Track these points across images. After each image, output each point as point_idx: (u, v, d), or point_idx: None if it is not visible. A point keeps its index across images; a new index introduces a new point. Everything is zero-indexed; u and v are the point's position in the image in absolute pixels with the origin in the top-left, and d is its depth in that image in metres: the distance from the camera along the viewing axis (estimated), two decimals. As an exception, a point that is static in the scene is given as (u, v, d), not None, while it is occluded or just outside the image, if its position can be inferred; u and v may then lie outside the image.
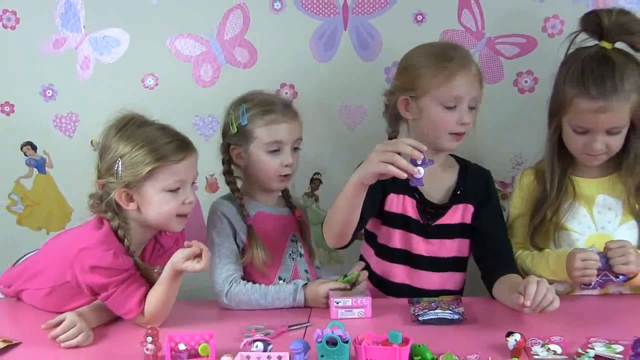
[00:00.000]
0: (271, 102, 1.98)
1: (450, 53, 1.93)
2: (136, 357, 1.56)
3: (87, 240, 1.75)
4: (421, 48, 2.01)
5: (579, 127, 1.83)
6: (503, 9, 2.26)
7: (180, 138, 1.82)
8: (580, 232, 1.91)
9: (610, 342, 1.56)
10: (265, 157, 1.96)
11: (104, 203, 1.78)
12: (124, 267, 1.74)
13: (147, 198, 1.77)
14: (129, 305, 1.74)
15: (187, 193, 1.81)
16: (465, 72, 1.90)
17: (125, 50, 2.35)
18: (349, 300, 1.81)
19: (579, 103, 1.81)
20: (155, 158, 1.74)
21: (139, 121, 1.81)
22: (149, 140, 1.76)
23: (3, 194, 2.45)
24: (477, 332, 1.68)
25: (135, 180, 1.75)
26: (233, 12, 2.32)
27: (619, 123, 1.81)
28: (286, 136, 1.96)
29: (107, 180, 1.77)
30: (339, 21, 2.30)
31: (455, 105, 1.90)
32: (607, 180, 1.93)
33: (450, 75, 1.88)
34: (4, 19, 2.35)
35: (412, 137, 1.93)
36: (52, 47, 2.36)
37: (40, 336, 1.71)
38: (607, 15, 1.84)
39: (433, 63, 1.91)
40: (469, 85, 1.91)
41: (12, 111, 2.40)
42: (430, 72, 1.90)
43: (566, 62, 1.90)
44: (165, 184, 1.77)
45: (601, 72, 1.79)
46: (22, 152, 2.42)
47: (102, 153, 1.80)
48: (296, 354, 1.48)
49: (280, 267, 2.01)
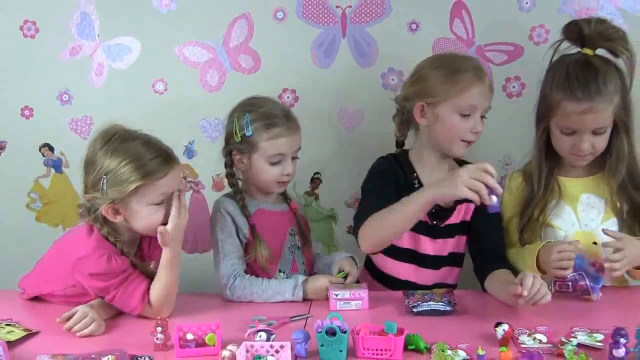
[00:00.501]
0: (274, 115, 1.94)
1: (467, 64, 1.93)
2: (147, 346, 1.56)
3: (83, 248, 1.73)
4: (437, 58, 2.02)
5: (567, 128, 1.83)
6: (492, 19, 2.25)
7: (164, 152, 1.75)
8: (565, 229, 1.90)
9: (592, 332, 1.56)
10: (267, 167, 1.94)
11: (92, 214, 1.75)
12: (120, 269, 1.73)
13: (133, 212, 1.74)
14: (133, 302, 1.73)
15: (171, 204, 1.75)
16: (481, 83, 1.90)
17: (136, 57, 2.34)
18: (347, 292, 1.80)
19: (566, 105, 1.81)
20: (141, 176, 1.69)
21: (124, 135, 1.74)
22: (134, 157, 1.70)
23: (23, 193, 2.45)
24: (467, 323, 1.68)
25: (121, 197, 1.71)
26: (238, 21, 2.31)
27: (603, 123, 1.81)
28: (288, 149, 1.95)
29: (92, 196, 1.73)
30: (338, 30, 2.29)
31: (470, 114, 1.89)
32: (591, 180, 1.93)
33: (469, 85, 1.88)
34: (24, 28, 2.34)
35: (423, 142, 1.98)
36: (68, 55, 2.36)
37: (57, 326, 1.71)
38: (587, 25, 1.85)
39: (452, 72, 1.90)
40: (484, 95, 1.91)
41: (31, 115, 2.40)
42: (449, 80, 1.89)
43: (552, 68, 1.90)
44: (150, 199, 1.72)
45: (585, 76, 1.80)
46: (40, 153, 2.42)
47: (88, 167, 1.75)
48: (297, 343, 1.48)
49: (280, 261, 2.00)
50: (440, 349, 1.45)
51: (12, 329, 1.68)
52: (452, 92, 1.88)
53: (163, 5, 2.31)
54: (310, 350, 1.50)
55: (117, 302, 1.74)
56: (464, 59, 1.99)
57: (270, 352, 1.45)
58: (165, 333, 1.56)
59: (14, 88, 2.38)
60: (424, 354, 1.49)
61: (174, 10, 2.31)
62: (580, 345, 1.49)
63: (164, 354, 1.54)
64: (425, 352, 1.49)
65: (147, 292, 1.74)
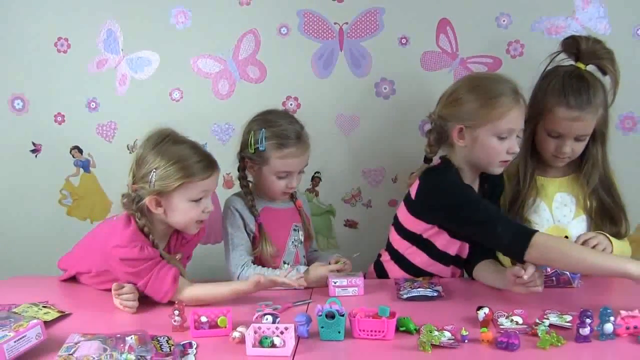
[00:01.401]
0: (287, 137, 1.89)
1: (506, 88, 1.77)
2: (165, 327, 1.56)
3: (119, 237, 1.72)
4: (474, 79, 1.87)
5: (554, 132, 1.83)
6: (473, 34, 2.24)
7: (208, 158, 1.76)
8: (540, 224, 1.90)
9: (562, 314, 1.57)
10: (274, 179, 1.93)
11: (135, 204, 1.74)
12: (150, 257, 1.72)
13: (173, 205, 1.73)
14: (165, 287, 1.71)
15: (207, 203, 1.77)
16: (519, 107, 1.77)
17: (155, 69, 2.34)
18: (344, 280, 1.79)
19: (558, 111, 1.79)
20: (186, 175, 1.70)
21: (174, 138, 1.75)
22: (182, 158, 1.71)
23: (55, 190, 2.45)
24: (452, 307, 1.67)
25: (166, 191, 1.71)
26: (246, 36, 2.30)
27: (586, 131, 1.81)
28: (296, 167, 1.93)
29: (140, 186, 1.73)
30: (336, 44, 2.28)
31: (507, 136, 1.76)
32: (565, 181, 1.93)
33: (508, 110, 1.74)
34: (58, 44, 2.34)
35: (461, 160, 1.83)
36: (95, 67, 2.35)
37: (88, 308, 1.72)
38: (585, 42, 1.84)
39: (491, 97, 1.75)
40: (521, 118, 1.78)
41: (63, 121, 2.39)
42: (488, 104, 1.75)
43: (546, 76, 1.87)
44: (190, 195, 1.72)
45: (579, 86, 1.79)
46: (70, 154, 2.42)
47: (139, 162, 1.74)
48: (300, 325, 1.48)
49: (285, 253, 1.99)
50: (428, 329, 1.44)
51: (48, 311, 1.68)
52: (491, 116, 1.74)
53: (179, 22, 2.30)
54: (312, 332, 1.50)
55: (149, 288, 1.71)
56: (500, 81, 1.80)
57: (276, 333, 1.45)
58: (182, 316, 1.56)
59: (48, 97, 2.38)
60: (414, 335, 1.48)
61: (189, 26, 2.30)
62: (551, 326, 1.49)
63: (180, 334, 1.53)
64: (414, 332, 1.49)
65: (177, 278, 1.72)
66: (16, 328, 1.41)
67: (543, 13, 2.20)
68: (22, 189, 2.44)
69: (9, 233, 2.45)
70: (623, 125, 2.23)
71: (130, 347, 1.41)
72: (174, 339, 1.49)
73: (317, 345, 1.46)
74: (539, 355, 1.39)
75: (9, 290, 1.91)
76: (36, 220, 2.45)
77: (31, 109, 2.39)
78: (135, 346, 1.41)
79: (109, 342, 1.45)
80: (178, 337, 1.51)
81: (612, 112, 2.09)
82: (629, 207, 1.93)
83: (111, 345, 1.43)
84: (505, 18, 2.22)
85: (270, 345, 1.42)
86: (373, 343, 1.46)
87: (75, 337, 1.49)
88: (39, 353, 1.42)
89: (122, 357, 1.37)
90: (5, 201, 2.44)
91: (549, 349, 1.41)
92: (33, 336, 1.41)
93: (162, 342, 1.47)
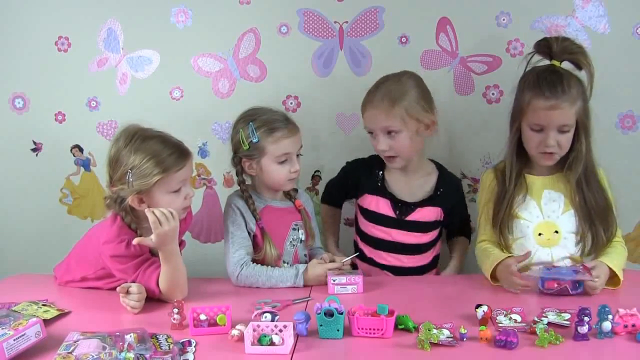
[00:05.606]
0: (275, 120, 1.93)
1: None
2: (164, 326, 1.57)
3: (107, 234, 1.76)
4: (532, 74, 1.90)
5: (535, 125, 1.84)
6: (474, 33, 2.24)
7: (180, 148, 1.78)
8: (530, 220, 1.90)
9: (560, 312, 1.57)
10: (276, 167, 1.93)
11: (118, 205, 1.77)
12: (138, 254, 1.75)
13: (155, 200, 1.75)
14: (151, 286, 1.73)
15: (187, 190, 1.80)
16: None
17: (156, 68, 2.33)
18: (343, 278, 1.80)
19: (536, 103, 1.82)
20: (161, 170, 1.72)
21: (142, 135, 1.76)
22: (155, 154, 1.72)
23: (56, 189, 2.44)
24: (451, 305, 1.68)
25: (145, 188, 1.73)
26: (246, 35, 2.30)
27: (567, 121, 1.82)
28: (292, 148, 1.94)
29: (119, 188, 1.75)
30: (336, 43, 2.28)
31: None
32: (553, 178, 1.93)
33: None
34: (58, 43, 2.34)
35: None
36: (96, 66, 2.35)
37: (87, 307, 1.72)
38: (555, 41, 1.88)
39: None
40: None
41: (63, 119, 2.39)
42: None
43: (524, 76, 1.92)
44: (169, 188, 1.75)
45: (553, 79, 1.82)
46: (71, 153, 2.42)
47: (112, 163, 1.76)
48: (299, 323, 1.48)
49: (283, 253, 1.99)
50: (427, 328, 1.44)
51: (48, 309, 1.69)
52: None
53: (180, 21, 2.30)
54: (311, 330, 1.50)
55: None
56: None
57: (275, 331, 1.45)
58: (181, 314, 1.57)
59: (49, 96, 2.38)
60: (412, 333, 1.49)
61: (189, 26, 2.30)
62: (550, 324, 1.49)
63: (180, 332, 1.54)
64: (413, 330, 1.49)
65: None
66: (16, 326, 1.41)
67: (543, 12, 2.20)
68: (23, 188, 2.43)
69: (10, 232, 2.45)
70: (622, 125, 2.23)
71: (129, 345, 1.41)
72: (173, 337, 1.50)
73: (316, 343, 1.46)
74: (538, 353, 1.39)
75: (9, 288, 1.92)
76: (37, 219, 2.45)
77: (32, 107, 2.39)
78: (135, 344, 1.41)
79: (108, 340, 1.45)
80: (177, 335, 1.52)
81: (612, 111, 2.10)
82: (629, 206, 1.93)
83: (110, 344, 1.43)
84: (505, 17, 2.21)
85: (269, 343, 1.42)
86: (372, 341, 1.46)
87: (74, 335, 1.49)
88: (39, 351, 1.42)
89: (121, 355, 1.38)
90: (5, 200, 2.44)
91: (547, 347, 1.41)
92: (32, 334, 1.41)
93: (161, 340, 1.47)
